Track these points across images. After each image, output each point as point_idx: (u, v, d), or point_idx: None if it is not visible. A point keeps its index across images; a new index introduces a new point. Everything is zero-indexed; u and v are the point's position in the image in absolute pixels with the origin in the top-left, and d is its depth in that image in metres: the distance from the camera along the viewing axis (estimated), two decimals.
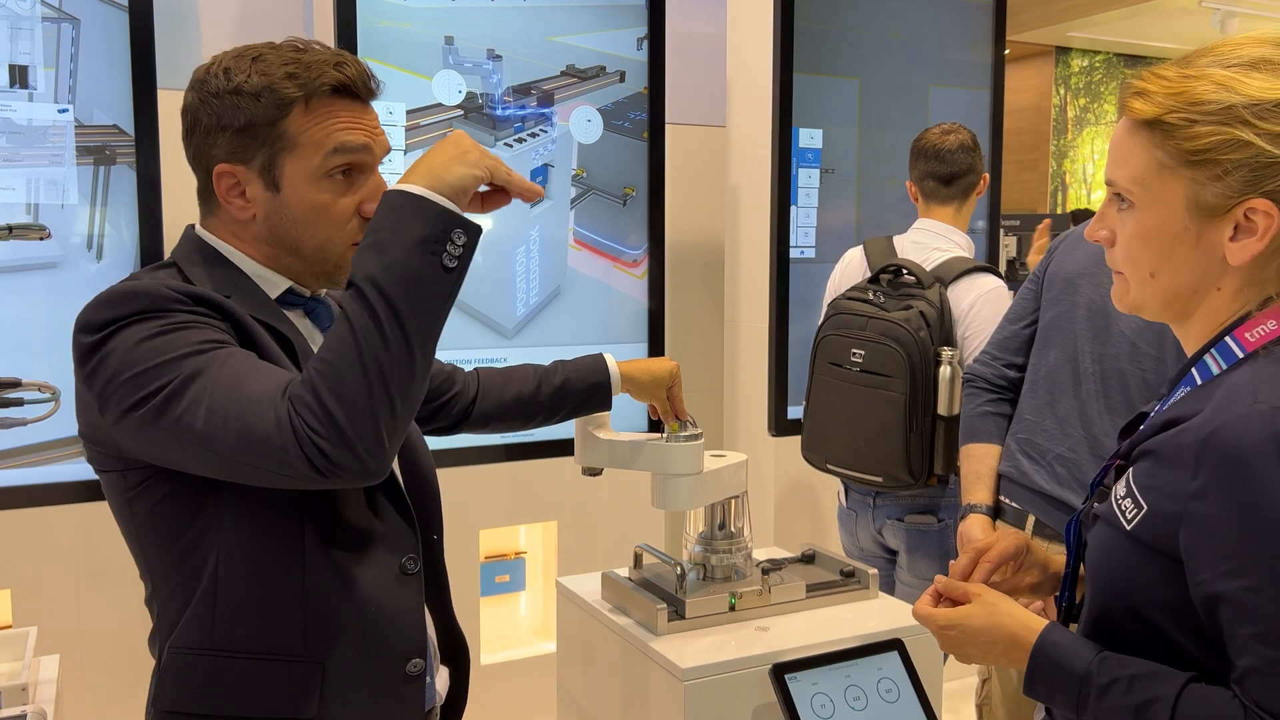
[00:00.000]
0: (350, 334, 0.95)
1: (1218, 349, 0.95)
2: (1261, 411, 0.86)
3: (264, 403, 0.95)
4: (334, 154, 1.10)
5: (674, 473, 1.47)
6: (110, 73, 2.30)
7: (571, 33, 2.77)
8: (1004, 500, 1.93)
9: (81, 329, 1.03)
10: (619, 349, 2.89)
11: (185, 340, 0.99)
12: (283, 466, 0.95)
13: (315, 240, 1.13)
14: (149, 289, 1.03)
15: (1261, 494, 0.84)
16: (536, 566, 2.94)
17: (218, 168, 1.11)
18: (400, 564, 1.16)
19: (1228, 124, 0.90)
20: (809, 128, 3.12)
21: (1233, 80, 0.91)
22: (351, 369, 0.94)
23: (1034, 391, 1.92)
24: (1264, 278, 0.94)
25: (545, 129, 2.76)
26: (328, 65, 1.11)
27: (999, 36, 3.42)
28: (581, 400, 1.52)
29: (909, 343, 2.18)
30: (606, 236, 2.87)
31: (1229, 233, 0.92)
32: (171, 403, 0.97)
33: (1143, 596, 0.94)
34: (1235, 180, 0.90)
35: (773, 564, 1.63)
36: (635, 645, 1.47)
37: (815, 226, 3.17)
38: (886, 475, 2.24)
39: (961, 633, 1.05)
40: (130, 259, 2.34)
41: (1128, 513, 0.94)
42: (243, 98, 1.09)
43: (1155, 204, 0.95)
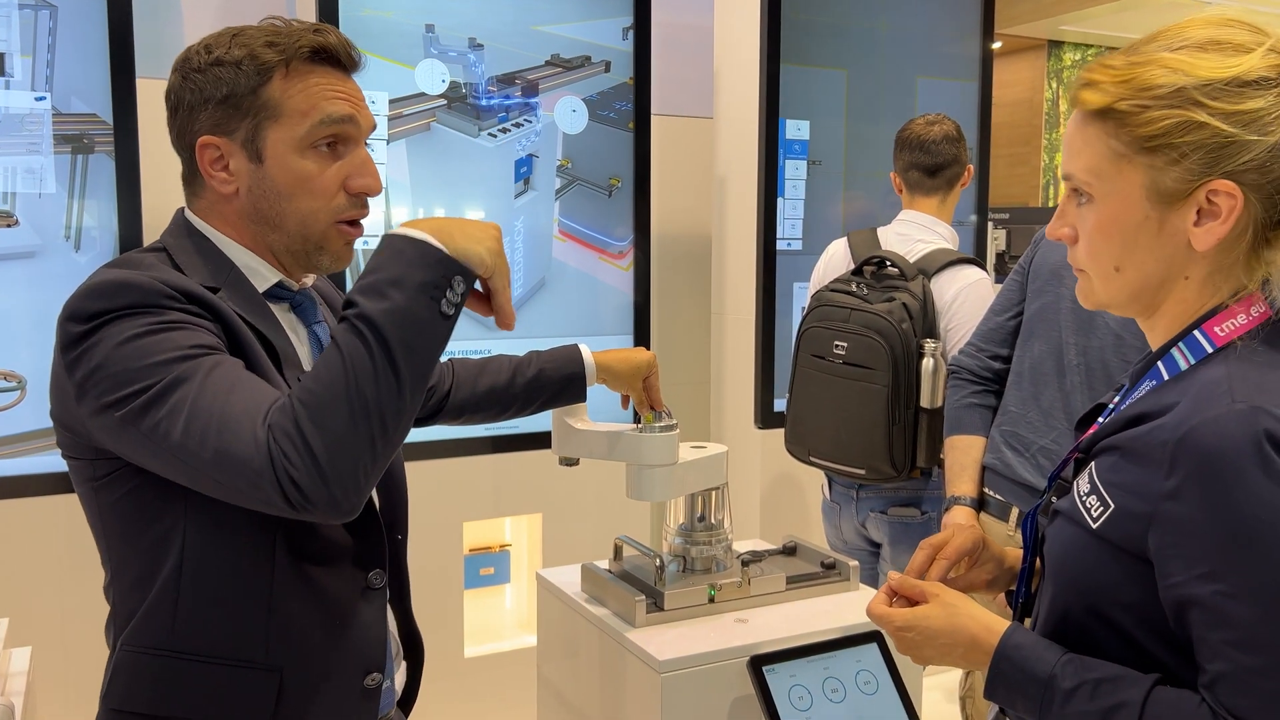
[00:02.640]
0: (341, 367, 0.93)
1: (1185, 343, 0.93)
2: (1240, 411, 0.83)
3: (244, 423, 0.93)
4: (319, 125, 1.09)
5: (648, 463, 1.46)
6: (88, 60, 2.28)
7: (556, 22, 2.75)
8: (988, 492, 1.93)
9: (69, 317, 1.01)
10: (604, 341, 2.88)
11: (174, 343, 0.97)
12: (254, 491, 0.93)
13: (299, 214, 1.11)
14: (142, 283, 1.00)
15: (1240, 497, 0.82)
16: (521, 559, 2.92)
17: (200, 140, 1.09)
18: (367, 578, 1.15)
19: (1181, 106, 0.89)
20: (796, 119, 3.11)
21: (1182, 63, 0.89)
22: (338, 404, 0.92)
23: (1018, 383, 1.92)
24: (1231, 263, 0.92)
25: (530, 119, 2.74)
26: (306, 32, 1.10)
27: (987, 28, 3.41)
28: (556, 391, 1.51)
29: (891, 335, 2.17)
30: (592, 228, 2.86)
31: (1192, 218, 0.90)
32: (152, 408, 0.95)
33: (1107, 597, 0.92)
34: (1193, 163, 0.89)
35: (753, 556, 1.62)
36: (613, 637, 1.46)
37: (802, 218, 3.16)
38: (869, 468, 2.23)
39: (919, 634, 1.03)
40: (109, 249, 2.32)
41: (1093, 510, 0.92)
42: (224, 68, 1.08)
43: (1114, 195, 0.93)
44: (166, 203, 2.92)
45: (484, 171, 2.69)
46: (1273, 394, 0.85)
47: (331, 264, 1.15)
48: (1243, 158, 0.87)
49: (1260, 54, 0.88)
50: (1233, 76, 0.88)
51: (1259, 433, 0.82)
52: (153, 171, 2.49)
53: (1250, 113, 0.87)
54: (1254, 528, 0.82)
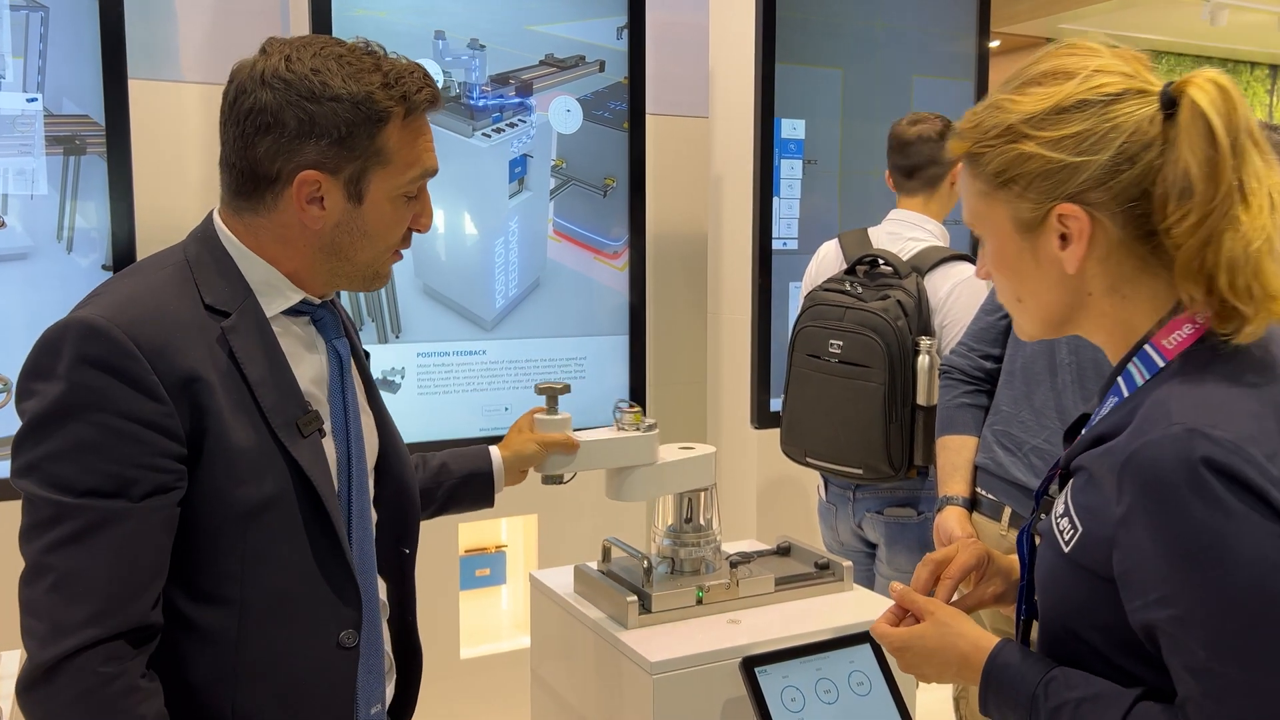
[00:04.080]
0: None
1: (1139, 358, 0.93)
2: (1175, 434, 0.82)
3: (58, 629, 0.96)
4: (420, 177, 1.12)
5: (641, 463, 1.47)
6: (80, 62, 2.27)
7: (550, 21, 2.75)
8: (980, 492, 1.92)
9: (29, 372, 1.02)
10: (600, 341, 2.88)
11: (94, 470, 0.98)
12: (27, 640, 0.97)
13: (373, 251, 1.12)
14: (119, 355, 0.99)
15: (1180, 524, 0.81)
16: (517, 560, 2.92)
17: (303, 174, 1.06)
18: (338, 638, 1.12)
19: (1013, 141, 0.93)
20: (791, 118, 3.10)
21: (1011, 101, 0.94)
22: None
23: (1010, 383, 1.91)
24: (1134, 273, 0.93)
25: (524, 119, 2.73)
26: (418, 79, 1.09)
27: (984, 27, 3.40)
28: (456, 490, 1.46)
29: (887, 332, 2.16)
30: (587, 228, 2.85)
31: (1056, 243, 0.93)
32: (37, 526, 0.99)
33: (1084, 620, 0.92)
34: (1037, 192, 0.92)
35: (743, 557, 1.62)
36: (606, 639, 1.45)
37: (798, 218, 3.15)
38: (866, 467, 2.22)
39: (916, 654, 1.05)
40: (101, 250, 2.31)
41: (1065, 534, 0.92)
42: (342, 105, 1.04)
43: (993, 233, 0.98)
44: (159, 204, 2.92)
45: (478, 171, 2.69)
46: (1212, 412, 0.84)
47: (378, 287, 1.20)
48: (1078, 179, 0.90)
49: (1080, 79, 0.91)
50: (1052, 105, 0.91)
51: (1194, 458, 0.81)
52: (145, 173, 2.49)
53: (1074, 136, 0.90)
54: (1196, 555, 0.81)
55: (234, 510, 1.05)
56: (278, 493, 1.07)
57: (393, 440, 1.29)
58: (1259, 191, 0.85)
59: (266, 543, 1.07)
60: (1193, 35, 7.78)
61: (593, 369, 2.88)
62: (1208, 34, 7.38)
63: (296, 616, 1.09)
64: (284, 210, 1.09)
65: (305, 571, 1.09)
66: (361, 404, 1.22)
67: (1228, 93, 0.86)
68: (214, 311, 1.07)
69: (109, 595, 0.97)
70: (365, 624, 1.15)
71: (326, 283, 1.15)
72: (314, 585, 1.10)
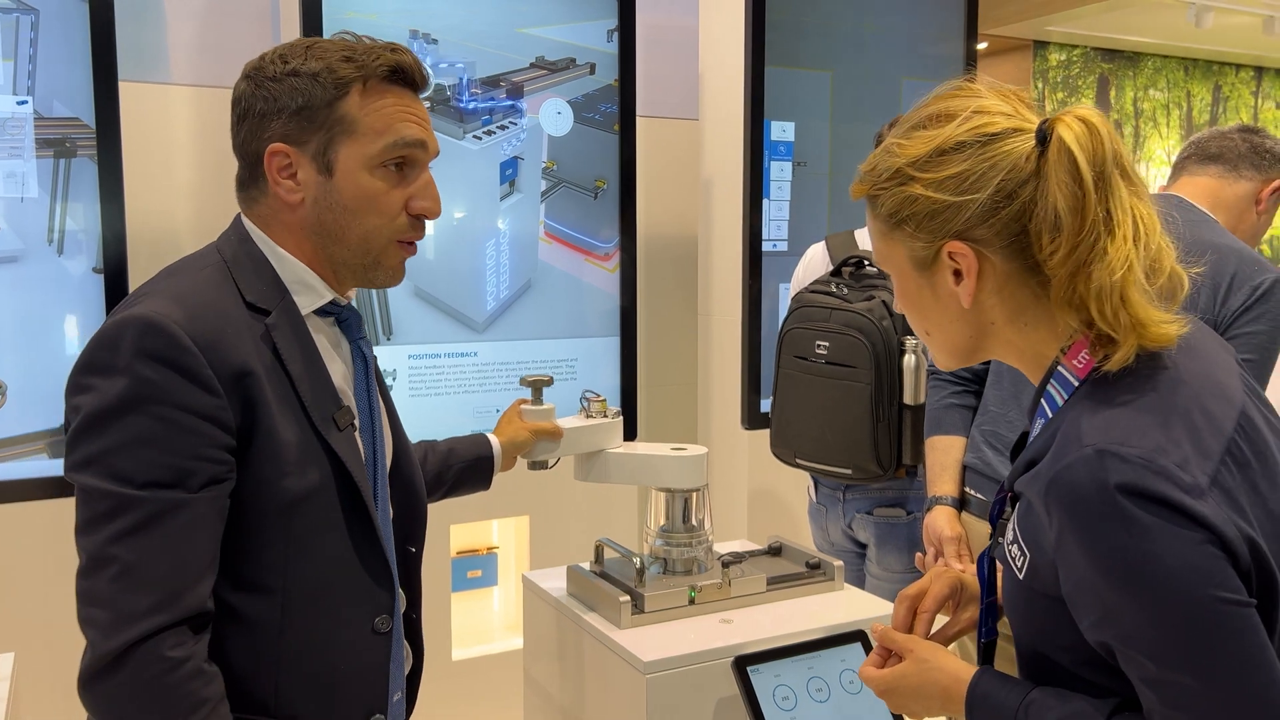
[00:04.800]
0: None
1: (1055, 379, 0.96)
2: (1087, 457, 0.84)
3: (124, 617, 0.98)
4: (393, 145, 1.12)
5: (612, 448, 1.58)
6: (70, 64, 2.27)
7: (540, 24, 2.76)
8: (969, 491, 1.94)
9: (84, 367, 1.04)
10: (591, 343, 2.88)
11: (154, 462, 1.00)
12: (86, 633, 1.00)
13: (362, 230, 1.13)
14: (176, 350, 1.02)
15: (1104, 545, 0.83)
16: (509, 561, 2.92)
17: (271, 146, 1.10)
18: (373, 624, 1.16)
19: (902, 184, 0.96)
20: (781, 120, 3.12)
21: (899, 145, 0.97)
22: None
23: (998, 383, 1.93)
24: (1022, 304, 0.95)
25: (514, 121, 2.74)
26: (384, 50, 1.12)
27: (971, 29, 3.42)
28: (466, 474, 1.53)
29: (873, 332, 2.17)
30: (577, 230, 2.86)
31: (951, 278, 0.96)
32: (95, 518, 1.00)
33: (1049, 641, 0.93)
34: (926, 231, 0.95)
35: (735, 557, 1.63)
36: (599, 639, 1.46)
37: (788, 220, 3.16)
38: (855, 467, 2.23)
39: (901, 694, 1.07)
40: (92, 253, 2.31)
41: (1016, 560, 0.94)
42: (300, 79, 1.09)
43: (896, 271, 1.01)
44: (150, 206, 2.91)
45: (469, 174, 2.69)
46: (1120, 429, 0.85)
47: (386, 280, 1.19)
48: (962, 217, 0.93)
49: (959, 121, 0.94)
50: (934, 148, 0.94)
51: (1107, 481, 0.82)
52: (136, 175, 2.49)
53: (954, 176, 0.93)
54: (1124, 574, 0.82)
55: (279, 501, 1.08)
56: (319, 484, 1.11)
57: (402, 442, 1.32)
58: (1124, 222, 0.88)
59: (308, 532, 1.10)
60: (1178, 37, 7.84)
61: (584, 370, 2.88)
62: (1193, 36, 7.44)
63: (336, 603, 1.13)
64: (271, 194, 1.13)
65: (344, 559, 1.14)
66: (381, 406, 1.27)
67: (1094, 128, 0.89)
68: (254, 309, 1.11)
69: (171, 583, 1.00)
70: (395, 611, 1.20)
71: (337, 274, 1.17)
72: (352, 573, 1.14)
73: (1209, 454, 0.85)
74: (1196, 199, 2.00)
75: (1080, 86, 9.14)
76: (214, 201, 2.77)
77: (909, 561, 2.32)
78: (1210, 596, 0.80)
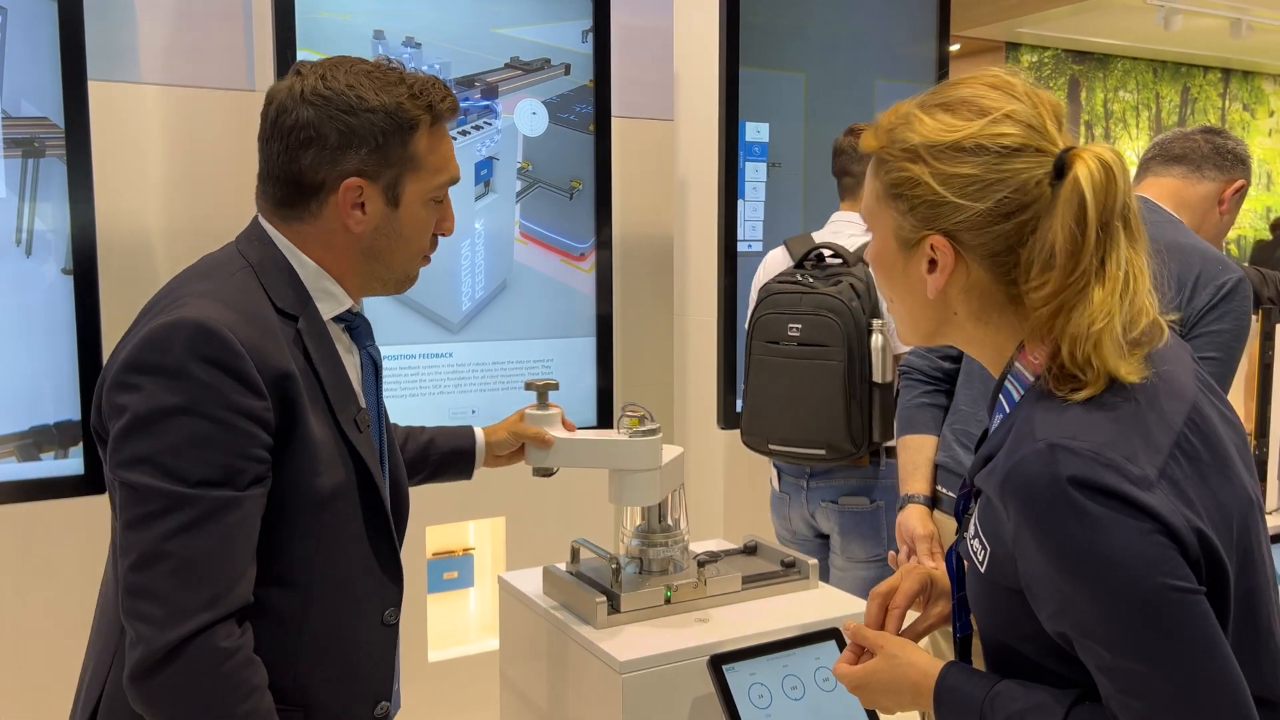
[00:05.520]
0: None
1: (1012, 375, 0.97)
2: (1039, 450, 0.86)
3: (180, 612, 1.01)
4: (448, 183, 1.22)
5: (634, 468, 1.48)
6: (39, 63, 2.24)
7: (515, 25, 2.75)
8: (941, 490, 1.96)
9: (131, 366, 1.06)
10: (567, 343, 2.88)
11: (207, 461, 1.04)
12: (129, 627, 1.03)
13: (407, 253, 1.22)
14: (229, 354, 1.05)
15: (1056, 537, 0.84)
16: (485, 562, 2.92)
17: (348, 181, 1.15)
18: (383, 615, 1.22)
19: (913, 162, 0.95)
20: (756, 122, 3.13)
21: (924, 122, 0.95)
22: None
23: (969, 383, 1.95)
24: (987, 307, 0.96)
25: (489, 121, 2.73)
26: (440, 89, 1.20)
27: (944, 31, 3.45)
28: (441, 464, 1.57)
29: (844, 312, 2.25)
30: (553, 230, 2.86)
31: (925, 265, 0.96)
32: (148, 515, 1.03)
33: (1011, 633, 0.95)
34: (917, 216, 0.95)
35: (711, 556, 1.63)
36: (575, 639, 1.46)
37: (763, 220, 3.18)
38: (829, 446, 2.29)
39: (872, 690, 1.08)
40: (61, 254, 2.28)
41: (978, 555, 0.96)
42: (376, 115, 1.14)
43: (878, 232, 1.01)
44: (120, 207, 2.88)
45: None
46: (1070, 423, 0.87)
47: (405, 289, 1.29)
48: (955, 218, 0.93)
49: (986, 121, 0.92)
50: (952, 141, 0.93)
51: (1059, 474, 0.84)
52: (105, 175, 2.46)
53: (961, 177, 0.92)
54: (1078, 567, 0.84)
55: (311, 499, 1.13)
56: (344, 482, 1.16)
57: (393, 446, 1.36)
58: (1116, 275, 0.88)
59: (335, 529, 1.16)
60: (1147, 40, 7.94)
61: (560, 371, 2.88)
62: (1162, 38, 7.54)
63: (354, 597, 1.18)
64: (328, 217, 1.18)
65: (364, 554, 1.19)
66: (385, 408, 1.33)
67: (1112, 174, 0.88)
68: (284, 315, 1.16)
69: (223, 578, 1.05)
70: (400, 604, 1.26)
71: (363, 286, 1.24)
72: (370, 567, 1.20)
73: (1158, 448, 0.86)
74: (1161, 199, 2.03)
75: (1052, 88, 9.25)
76: (184, 202, 2.75)
77: (873, 550, 2.37)
78: (1160, 584, 0.82)
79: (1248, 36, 7.16)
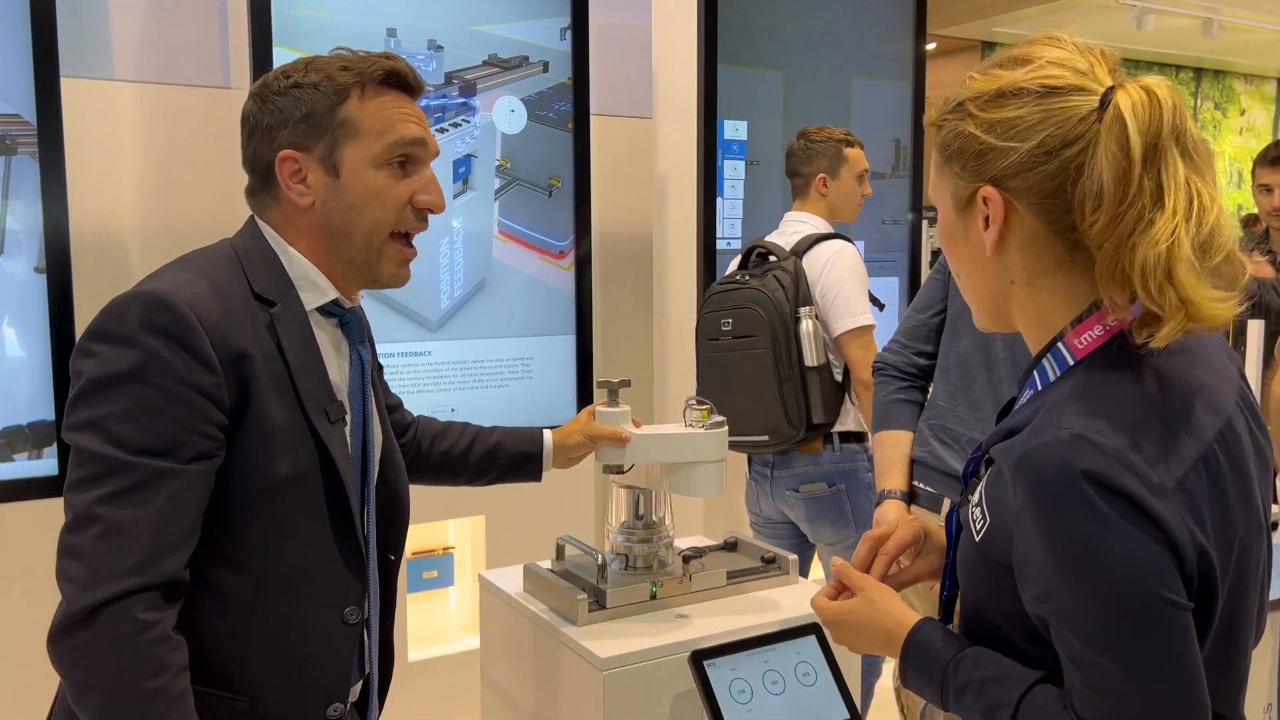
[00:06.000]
0: None
1: (1052, 354, 0.95)
2: (1063, 439, 0.85)
3: (100, 575, 1.01)
4: (394, 144, 1.18)
5: (703, 460, 1.50)
6: (11, 60, 2.21)
7: (493, 22, 2.75)
8: (918, 485, 1.97)
9: (91, 334, 1.07)
10: (547, 341, 2.88)
11: (150, 430, 1.04)
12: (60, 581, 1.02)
13: (367, 223, 1.18)
14: (182, 326, 1.05)
15: (1059, 526, 0.84)
16: (465, 561, 2.91)
17: (281, 154, 1.17)
18: (343, 614, 1.20)
19: (960, 118, 0.95)
20: (734, 120, 3.14)
21: (969, 78, 0.96)
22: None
23: (946, 378, 1.96)
24: (1043, 268, 0.94)
25: (467, 119, 2.73)
26: (378, 58, 1.19)
27: (920, 30, 3.47)
28: (509, 467, 1.56)
29: (765, 303, 2.42)
30: (532, 228, 2.85)
31: (981, 223, 0.96)
32: (87, 478, 1.04)
33: (991, 605, 0.95)
34: (969, 171, 0.95)
35: (695, 552, 1.64)
36: (556, 637, 1.46)
37: (741, 218, 3.19)
38: (770, 431, 2.42)
39: (846, 627, 1.09)
40: (34, 252, 2.25)
41: (976, 523, 0.96)
42: (303, 90, 1.16)
43: (940, 205, 1.01)
44: (93, 204, 2.86)
45: None
46: (1101, 418, 0.86)
47: (390, 279, 1.24)
48: (1001, 164, 0.92)
49: (1030, 68, 0.92)
50: (996, 89, 0.93)
51: (1075, 466, 0.83)
52: (79, 173, 2.44)
53: (1003, 121, 0.92)
54: (1074, 559, 0.84)
55: (264, 483, 1.12)
56: (304, 470, 1.15)
57: (390, 451, 1.34)
58: (1175, 196, 0.86)
59: (290, 516, 1.14)
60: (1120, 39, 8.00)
61: (540, 369, 2.88)
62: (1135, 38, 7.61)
63: (309, 588, 1.17)
64: (284, 199, 1.19)
65: (322, 546, 1.17)
66: (374, 411, 1.30)
67: (1156, 98, 0.87)
68: (262, 300, 1.16)
69: (150, 548, 1.03)
70: (369, 607, 1.24)
71: (345, 274, 1.22)
72: (328, 561, 1.18)
73: (1182, 459, 0.86)
74: None
75: None
76: (159, 199, 2.73)
77: (842, 533, 2.51)
78: (1150, 593, 0.83)
79: (1219, 36, 7.25)
